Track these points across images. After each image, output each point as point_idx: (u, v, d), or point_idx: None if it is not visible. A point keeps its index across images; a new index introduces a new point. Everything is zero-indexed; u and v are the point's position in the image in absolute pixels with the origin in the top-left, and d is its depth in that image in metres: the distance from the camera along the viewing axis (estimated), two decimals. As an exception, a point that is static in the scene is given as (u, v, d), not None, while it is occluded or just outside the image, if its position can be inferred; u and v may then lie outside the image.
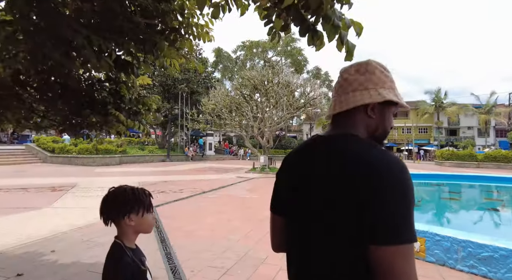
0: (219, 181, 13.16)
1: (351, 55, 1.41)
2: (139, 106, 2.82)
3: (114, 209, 1.25)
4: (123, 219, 1.24)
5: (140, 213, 1.27)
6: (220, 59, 37.91)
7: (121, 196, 1.25)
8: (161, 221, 6.08)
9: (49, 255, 4.13)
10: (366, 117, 0.89)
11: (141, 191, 1.31)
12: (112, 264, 1.21)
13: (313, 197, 0.84)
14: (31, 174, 13.96)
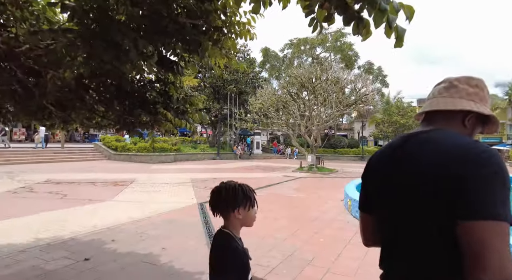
0: (266, 179, 13.21)
1: (401, 40, 1.27)
2: (186, 106, 2.93)
3: (224, 203, 1.39)
4: (232, 212, 1.38)
5: (247, 207, 1.41)
6: (268, 59, 38.04)
7: (232, 191, 1.38)
8: (210, 217, 6.28)
9: (110, 244, 4.52)
10: (461, 125, 0.96)
11: (247, 187, 1.45)
12: (228, 252, 1.32)
13: (406, 187, 0.89)
14: (98, 169, 15.46)
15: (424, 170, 0.85)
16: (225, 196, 1.38)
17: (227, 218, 1.41)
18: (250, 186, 1.47)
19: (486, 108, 0.96)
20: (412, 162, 0.89)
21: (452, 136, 0.89)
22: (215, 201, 1.43)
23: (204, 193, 9.22)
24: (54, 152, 21.22)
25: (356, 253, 4.38)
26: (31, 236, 4.78)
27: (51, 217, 5.95)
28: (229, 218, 1.41)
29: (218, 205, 1.42)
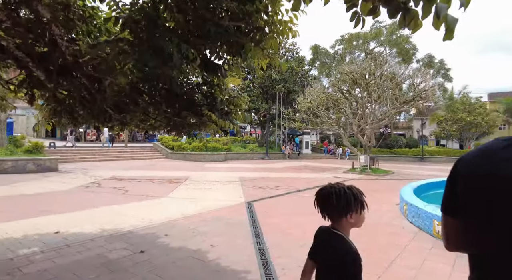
0: (315, 180, 12.91)
1: (451, 32, 1.11)
2: (230, 107, 2.99)
3: (337, 209, 1.39)
4: (345, 217, 1.38)
5: (359, 211, 1.40)
6: (317, 56, 37.16)
7: (344, 198, 1.37)
8: (256, 216, 6.34)
9: (163, 238, 4.81)
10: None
11: (358, 191, 1.42)
12: (351, 257, 1.33)
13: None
14: (156, 167, 16.63)
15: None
16: (336, 203, 1.37)
17: (337, 222, 1.42)
18: (359, 189, 1.45)
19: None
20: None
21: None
22: (325, 205, 1.44)
23: (253, 192, 9.34)
24: (119, 151, 23.34)
25: (412, 261, 4.06)
26: (97, 227, 5.31)
27: (114, 211, 6.54)
28: (341, 222, 1.41)
29: (328, 209, 1.43)
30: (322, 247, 1.45)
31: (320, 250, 1.46)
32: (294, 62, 30.22)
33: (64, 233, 4.90)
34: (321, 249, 1.45)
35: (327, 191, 1.42)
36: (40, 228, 5.16)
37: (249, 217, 6.26)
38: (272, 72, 27.90)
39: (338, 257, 1.35)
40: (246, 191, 9.41)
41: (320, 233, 1.52)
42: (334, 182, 1.49)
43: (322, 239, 1.48)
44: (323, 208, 1.45)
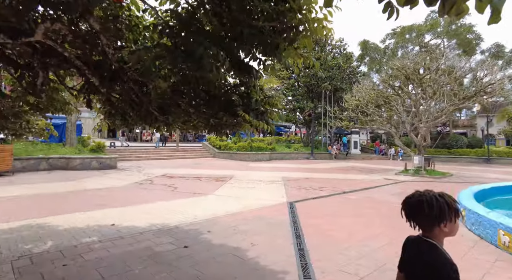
0: (362, 182, 12.36)
1: (498, 14, 0.98)
2: (266, 106, 2.99)
3: (428, 218, 1.32)
4: (438, 227, 1.32)
5: (453, 220, 1.33)
6: (366, 52, 35.48)
7: (437, 207, 1.30)
8: (298, 216, 6.27)
9: (206, 234, 4.99)
10: None
11: (450, 199, 1.35)
12: (446, 266, 1.27)
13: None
14: (204, 166, 17.30)
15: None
16: (429, 212, 1.30)
17: (430, 231, 1.35)
18: (451, 196, 1.36)
19: None
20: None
21: None
22: (414, 214, 1.37)
23: (295, 192, 9.25)
24: (171, 150, 24.75)
25: (470, 273, 3.67)
26: (148, 221, 5.69)
27: (163, 206, 6.96)
28: (433, 231, 1.34)
29: (418, 218, 1.36)
30: (413, 258, 1.39)
31: (411, 261, 1.40)
32: (342, 58, 29.23)
33: (118, 226, 5.34)
34: (411, 260, 1.40)
35: (416, 199, 1.35)
36: (99, 220, 5.69)
37: (291, 217, 6.21)
38: (317, 70, 27.35)
39: (432, 269, 1.27)
40: (288, 191, 9.35)
41: (410, 243, 1.45)
42: (423, 190, 1.40)
43: (412, 250, 1.42)
44: (412, 217, 1.37)
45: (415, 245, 1.39)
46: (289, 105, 30.00)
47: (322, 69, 27.76)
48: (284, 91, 30.01)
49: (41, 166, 13.53)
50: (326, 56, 28.50)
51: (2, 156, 11.44)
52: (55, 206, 6.79)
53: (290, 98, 30.25)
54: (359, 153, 31.95)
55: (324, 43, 30.22)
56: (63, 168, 13.87)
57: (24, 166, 13.01)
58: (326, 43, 30.53)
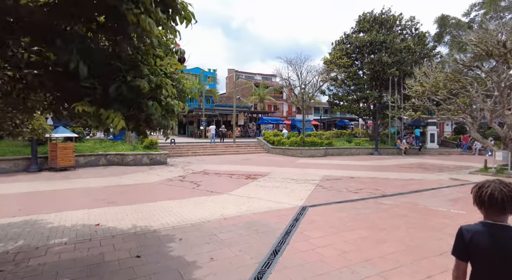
0: (417, 183, 10.33)
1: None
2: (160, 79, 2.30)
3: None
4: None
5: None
6: (445, 29, 30.21)
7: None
8: (299, 225, 5.34)
9: (173, 243, 4.53)
10: None
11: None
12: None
13: None
14: (249, 162, 16.97)
15: None
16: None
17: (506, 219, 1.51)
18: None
19: None
20: None
21: None
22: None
23: (321, 194, 8.13)
24: (226, 146, 25.21)
25: None
26: (133, 222, 5.52)
27: (164, 206, 6.75)
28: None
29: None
30: (506, 241, 1.48)
31: (503, 247, 1.47)
32: (412, 40, 25.50)
33: (101, 227, 5.26)
34: (504, 245, 1.48)
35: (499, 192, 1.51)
36: (90, 218, 5.74)
37: (288, 226, 5.31)
38: (382, 54, 24.38)
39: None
40: (314, 193, 8.27)
41: (488, 230, 1.52)
42: (492, 180, 1.60)
43: (499, 236, 1.50)
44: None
45: (502, 231, 1.49)
46: (351, 96, 27.57)
47: (388, 53, 24.66)
48: (345, 80, 27.69)
49: (101, 161, 15.02)
50: (393, 39, 25.22)
51: (65, 153, 12.98)
52: (67, 202, 7.20)
53: (352, 88, 27.78)
54: (436, 147, 27.72)
55: (391, 24, 26.84)
56: (119, 164, 15.15)
57: (87, 162, 14.61)
58: (394, 24, 27.05)
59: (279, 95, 47.06)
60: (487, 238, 1.49)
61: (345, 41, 28.01)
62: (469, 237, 1.54)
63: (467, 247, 1.54)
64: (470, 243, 1.53)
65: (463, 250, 1.56)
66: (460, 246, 1.57)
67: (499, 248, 1.46)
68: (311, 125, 38.94)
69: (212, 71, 41.24)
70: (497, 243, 1.47)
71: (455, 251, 1.60)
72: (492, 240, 1.48)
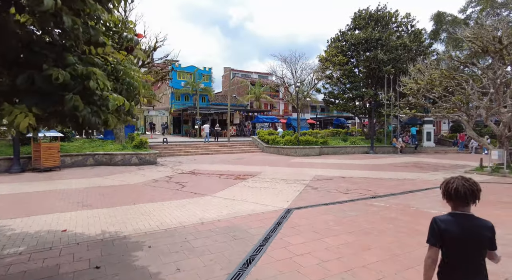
0: (411, 183, 10.03)
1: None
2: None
3: (476, 199, 1.79)
4: (474, 205, 1.80)
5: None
6: (441, 26, 29.90)
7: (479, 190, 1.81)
8: (279, 230, 5.00)
9: (141, 251, 4.18)
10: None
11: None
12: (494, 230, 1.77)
13: None
14: (242, 161, 16.60)
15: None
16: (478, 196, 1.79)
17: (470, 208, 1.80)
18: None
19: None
20: None
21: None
22: (475, 198, 1.79)
23: (309, 195, 7.80)
24: (220, 145, 24.82)
25: None
26: (103, 227, 5.16)
27: (142, 210, 6.39)
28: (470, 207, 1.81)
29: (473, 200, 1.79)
30: (474, 227, 1.75)
31: (473, 231, 1.73)
32: (408, 37, 25.17)
33: (68, 233, 4.91)
34: (473, 230, 1.73)
35: (472, 186, 1.80)
36: (59, 224, 5.38)
37: (269, 231, 4.97)
38: (378, 52, 24.03)
39: (494, 233, 1.76)
40: (302, 194, 7.94)
41: (458, 220, 1.78)
42: (456, 177, 1.86)
43: (467, 223, 1.76)
44: (473, 199, 1.79)
45: (474, 219, 1.78)
46: (347, 94, 27.23)
47: (384, 50, 24.33)
48: (341, 78, 27.35)
49: (88, 162, 14.62)
50: (388, 36, 24.88)
51: (50, 153, 12.58)
52: (40, 205, 6.82)
53: (348, 86, 27.44)
54: (433, 145, 27.47)
55: (386, 21, 26.50)
56: (107, 164, 14.75)
57: (73, 162, 14.21)
58: (390, 21, 26.71)
59: (275, 94, 46.64)
60: (455, 226, 1.76)
61: (340, 39, 27.67)
62: (443, 226, 1.78)
63: (441, 234, 1.78)
64: (443, 231, 1.77)
65: (438, 237, 1.80)
66: (435, 234, 1.81)
67: (465, 234, 1.74)
68: (306, 123, 38.63)
69: (207, 69, 40.72)
70: (463, 230, 1.74)
71: (430, 239, 1.83)
72: (460, 227, 1.75)
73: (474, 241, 1.71)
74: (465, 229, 1.73)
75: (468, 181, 1.79)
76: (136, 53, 3.49)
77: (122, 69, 2.55)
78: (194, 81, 36.59)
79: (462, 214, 1.78)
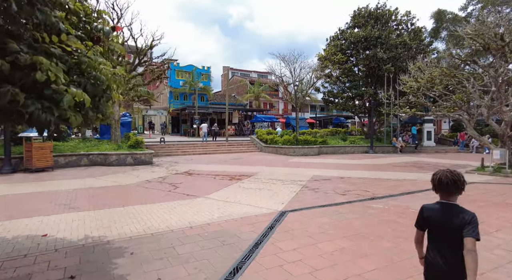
0: (411, 183, 9.76)
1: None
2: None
3: (460, 190, 1.98)
4: (460, 194, 2.00)
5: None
6: (442, 24, 29.58)
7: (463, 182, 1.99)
8: (272, 235, 4.74)
9: (122, 258, 3.93)
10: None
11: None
12: (475, 216, 1.91)
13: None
14: (239, 161, 16.33)
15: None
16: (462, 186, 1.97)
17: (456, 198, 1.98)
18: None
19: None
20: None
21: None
22: (458, 188, 1.96)
23: (306, 197, 7.54)
24: (218, 145, 24.56)
25: None
26: (86, 232, 4.90)
27: (131, 212, 6.12)
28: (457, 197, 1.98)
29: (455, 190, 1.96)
30: (453, 215, 1.91)
31: (452, 218, 1.91)
32: (408, 35, 24.89)
33: (48, 238, 4.65)
34: (452, 217, 1.91)
35: (454, 177, 1.96)
36: (40, 228, 5.12)
37: (260, 236, 4.71)
38: (377, 50, 23.74)
39: (475, 218, 1.87)
40: (298, 195, 7.68)
41: (442, 208, 1.97)
42: (445, 169, 2.02)
43: (449, 211, 1.94)
44: (457, 190, 1.96)
45: (456, 208, 1.94)
46: (346, 93, 26.95)
47: (384, 49, 24.04)
48: (340, 77, 27.06)
49: (82, 162, 14.35)
50: (388, 34, 24.60)
51: (42, 153, 12.32)
52: (24, 208, 6.56)
53: (347, 85, 27.16)
54: (433, 145, 27.18)
55: (386, 19, 26.21)
56: (102, 164, 14.49)
57: (67, 162, 13.94)
58: (390, 19, 26.42)
59: (274, 93, 46.37)
60: (438, 213, 1.96)
61: (339, 37, 27.39)
62: (427, 213, 2.02)
63: (424, 220, 2.04)
64: (427, 217, 2.02)
65: (421, 222, 2.07)
66: (420, 220, 2.09)
67: (444, 220, 1.93)
68: (306, 123, 38.35)
69: (206, 68, 40.44)
70: (444, 217, 1.93)
71: (416, 223, 2.13)
72: (441, 215, 1.95)
73: (451, 227, 1.88)
74: (446, 216, 1.92)
75: (452, 172, 1.95)
76: (114, 46, 3.23)
77: (86, 61, 2.28)
78: (193, 80, 36.32)
79: (446, 203, 1.96)
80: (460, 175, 1.94)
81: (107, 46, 3.16)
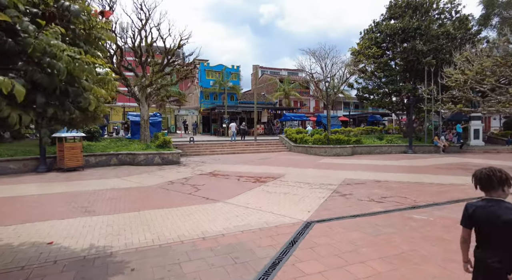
0: (459, 189, 8.54)
1: None
2: None
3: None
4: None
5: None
6: (493, 10, 26.67)
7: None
8: (293, 252, 4.08)
9: (120, 275, 3.49)
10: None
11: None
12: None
13: None
14: (266, 162, 15.73)
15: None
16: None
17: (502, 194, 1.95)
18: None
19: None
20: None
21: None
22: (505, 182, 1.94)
23: (336, 204, 6.75)
24: (246, 144, 24.17)
25: None
26: (93, 241, 4.58)
27: (144, 218, 5.77)
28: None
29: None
30: (500, 211, 1.86)
31: (498, 214, 1.85)
32: (452, 25, 22.71)
33: (52, 246, 4.37)
34: (498, 213, 1.85)
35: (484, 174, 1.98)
36: (47, 234, 4.89)
37: (280, 253, 4.07)
38: (416, 42, 21.89)
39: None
40: (327, 203, 6.91)
41: (491, 205, 1.92)
42: (487, 168, 2.02)
43: (496, 208, 1.88)
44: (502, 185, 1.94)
45: (493, 204, 1.91)
46: (382, 89, 25.27)
47: (423, 40, 22.13)
48: (375, 71, 25.45)
49: (112, 161, 14.58)
50: (428, 25, 22.62)
51: (73, 153, 12.61)
52: (41, 210, 6.47)
53: (383, 80, 25.47)
54: (481, 144, 24.63)
55: (426, 8, 24.15)
56: (130, 164, 14.63)
57: (97, 162, 14.23)
58: (430, 8, 24.32)
59: (305, 91, 45.13)
60: (483, 210, 1.94)
61: (374, 30, 25.76)
62: (471, 210, 2.00)
63: (470, 217, 2.01)
64: (472, 215, 1.99)
65: (467, 220, 2.03)
66: (464, 218, 2.05)
67: (489, 216, 1.91)
68: (338, 121, 36.77)
69: (235, 67, 40.28)
70: (488, 213, 1.91)
71: (462, 221, 2.08)
72: (486, 211, 1.93)
73: (500, 223, 1.83)
74: (490, 212, 1.88)
75: (488, 168, 1.97)
76: (101, 34, 2.77)
77: (32, 43, 1.81)
78: (222, 80, 36.32)
79: (491, 199, 1.94)
80: (496, 171, 1.93)
81: (94, 34, 2.70)
